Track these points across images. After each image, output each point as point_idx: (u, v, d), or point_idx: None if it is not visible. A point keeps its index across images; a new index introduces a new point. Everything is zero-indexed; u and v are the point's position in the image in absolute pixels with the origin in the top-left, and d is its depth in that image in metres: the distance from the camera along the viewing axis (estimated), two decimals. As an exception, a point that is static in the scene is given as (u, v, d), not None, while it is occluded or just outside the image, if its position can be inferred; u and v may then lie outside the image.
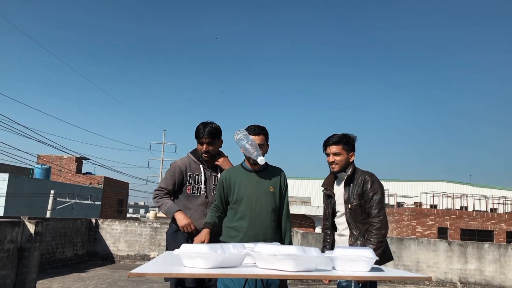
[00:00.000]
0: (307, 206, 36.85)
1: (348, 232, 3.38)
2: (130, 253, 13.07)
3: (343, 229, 3.43)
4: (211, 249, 1.92)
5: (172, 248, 3.40)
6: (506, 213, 30.66)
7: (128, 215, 49.71)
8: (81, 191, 27.02)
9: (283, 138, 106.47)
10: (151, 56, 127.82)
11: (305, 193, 44.47)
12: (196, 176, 3.72)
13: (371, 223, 3.27)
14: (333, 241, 3.54)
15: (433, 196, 35.27)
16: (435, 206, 34.43)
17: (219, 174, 3.69)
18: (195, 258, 1.92)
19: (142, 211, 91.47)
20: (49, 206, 19.91)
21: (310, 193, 43.96)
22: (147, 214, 52.52)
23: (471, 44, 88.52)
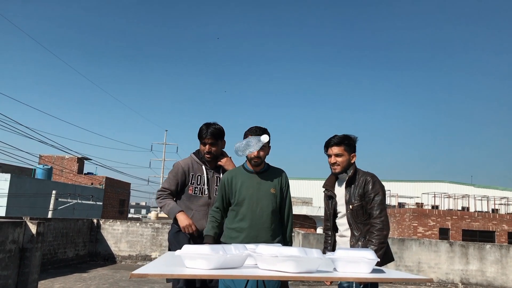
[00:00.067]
0: (309, 207, 36.87)
1: (349, 233, 3.38)
2: (132, 254, 13.08)
3: (344, 230, 3.43)
4: (213, 250, 1.93)
5: (174, 249, 3.41)
6: (508, 214, 30.61)
7: (130, 216, 49.78)
8: (83, 192, 27.05)
9: (284, 139, 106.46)
10: (153, 56, 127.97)
11: (306, 194, 44.46)
12: (199, 177, 3.73)
13: (373, 224, 3.27)
14: (334, 242, 3.53)
15: (435, 197, 35.23)
16: (437, 207, 34.39)
17: (222, 175, 3.70)
18: (197, 259, 1.93)
19: (144, 212, 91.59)
20: (51, 207, 19.93)
21: (311, 194, 43.95)
22: (149, 215, 52.58)
23: (472, 44, 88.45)
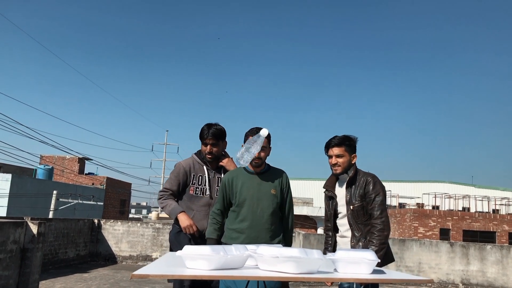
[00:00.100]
0: (309, 207, 36.87)
1: (350, 234, 3.38)
2: (132, 254, 13.09)
3: (345, 231, 3.43)
4: (214, 251, 1.93)
5: (176, 249, 3.42)
6: (509, 214, 30.59)
7: (130, 216, 49.78)
8: (84, 192, 27.06)
9: (285, 139, 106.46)
10: (154, 56, 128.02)
11: (307, 194, 44.46)
12: (200, 177, 3.75)
13: (373, 225, 3.27)
14: (335, 243, 3.54)
15: (435, 197, 35.22)
16: (437, 207, 34.38)
17: (223, 175, 3.71)
18: (198, 260, 1.93)
19: (144, 212, 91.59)
20: (52, 207, 19.94)
21: (312, 194, 43.95)
22: (149, 215, 52.56)
23: (472, 44, 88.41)
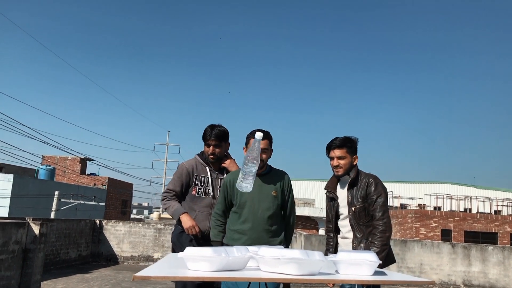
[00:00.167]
0: (311, 208, 36.79)
1: (352, 235, 3.38)
2: (134, 254, 13.10)
3: (347, 232, 3.43)
4: (215, 252, 1.93)
5: (178, 250, 3.44)
6: (510, 215, 30.51)
7: (132, 216, 49.80)
8: (85, 192, 27.08)
9: (286, 139, 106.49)
10: (155, 57, 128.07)
11: (309, 195, 44.43)
12: (202, 178, 3.76)
13: (375, 226, 3.28)
14: (336, 244, 3.54)
15: (437, 198, 35.18)
16: (439, 208, 34.33)
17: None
18: (199, 261, 1.93)
19: (146, 212, 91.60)
20: (54, 207, 19.95)
21: (314, 195, 43.91)
22: (151, 215, 52.59)
23: (474, 46, 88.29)
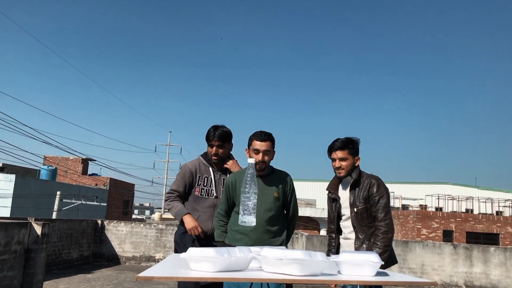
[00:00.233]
0: (312, 208, 36.77)
1: (354, 236, 3.39)
2: (136, 255, 13.11)
3: (349, 233, 3.43)
4: (218, 253, 1.94)
5: (180, 250, 3.46)
6: (512, 216, 30.49)
7: (134, 216, 49.81)
8: (87, 192, 27.12)
9: (287, 140, 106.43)
10: (156, 57, 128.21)
11: (310, 195, 44.43)
12: (205, 178, 3.78)
13: (378, 227, 3.28)
14: (338, 245, 3.54)
15: (439, 199, 35.15)
16: (441, 209, 34.31)
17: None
18: (202, 262, 1.94)
19: (148, 212, 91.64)
20: (55, 207, 19.97)
21: (315, 195, 43.91)
22: (153, 216, 52.60)
23: (475, 46, 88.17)
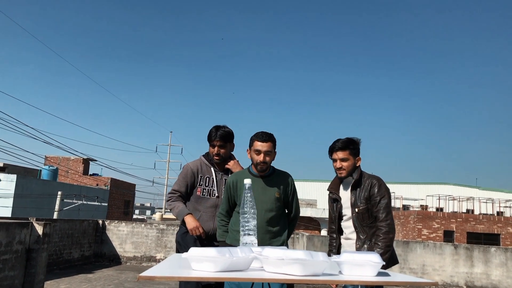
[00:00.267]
0: (313, 209, 36.77)
1: (355, 236, 3.38)
2: (137, 255, 13.12)
3: (350, 233, 3.43)
4: (219, 253, 1.94)
5: (182, 250, 3.47)
6: (513, 217, 30.46)
7: (135, 217, 49.85)
8: (88, 193, 27.14)
9: (288, 140, 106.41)
10: (158, 58, 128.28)
11: (311, 196, 44.40)
12: (207, 179, 3.79)
13: (379, 227, 3.28)
14: (339, 245, 3.54)
15: (439, 199, 35.12)
16: (441, 209, 34.28)
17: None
18: (203, 262, 1.94)
19: (148, 213, 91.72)
20: (56, 207, 19.99)
21: (316, 196, 43.89)
22: (153, 216, 52.62)
23: (476, 46, 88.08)
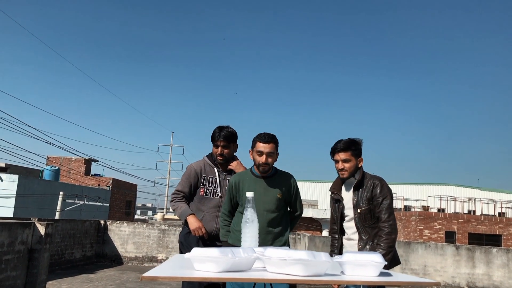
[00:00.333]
0: (314, 209, 36.77)
1: (357, 237, 3.39)
2: (138, 255, 13.13)
3: (352, 234, 3.43)
4: (222, 253, 1.95)
5: (185, 250, 3.48)
6: (515, 218, 30.40)
7: (136, 217, 49.92)
8: (90, 193, 27.17)
9: (289, 141, 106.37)
10: (160, 59, 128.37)
11: (312, 196, 44.38)
12: (210, 179, 3.80)
13: (381, 228, 3.28)
14: (341, 245, 3.54)
15: (441, 200, 35.05)
16: (443, 210, 34.20)
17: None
18: (206, 262, 1.95)
19: (150, 213, 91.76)
20: (58, 208, 20.02)
21: (317, 196, 43.86)
22: (155, 216, 52.67)
23: (477, 47, 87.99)
